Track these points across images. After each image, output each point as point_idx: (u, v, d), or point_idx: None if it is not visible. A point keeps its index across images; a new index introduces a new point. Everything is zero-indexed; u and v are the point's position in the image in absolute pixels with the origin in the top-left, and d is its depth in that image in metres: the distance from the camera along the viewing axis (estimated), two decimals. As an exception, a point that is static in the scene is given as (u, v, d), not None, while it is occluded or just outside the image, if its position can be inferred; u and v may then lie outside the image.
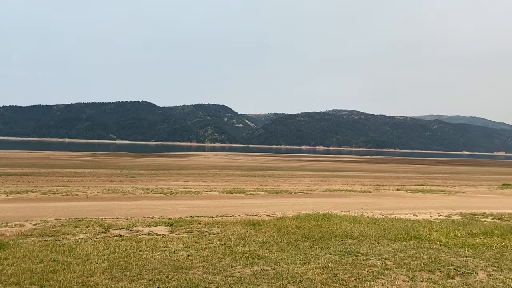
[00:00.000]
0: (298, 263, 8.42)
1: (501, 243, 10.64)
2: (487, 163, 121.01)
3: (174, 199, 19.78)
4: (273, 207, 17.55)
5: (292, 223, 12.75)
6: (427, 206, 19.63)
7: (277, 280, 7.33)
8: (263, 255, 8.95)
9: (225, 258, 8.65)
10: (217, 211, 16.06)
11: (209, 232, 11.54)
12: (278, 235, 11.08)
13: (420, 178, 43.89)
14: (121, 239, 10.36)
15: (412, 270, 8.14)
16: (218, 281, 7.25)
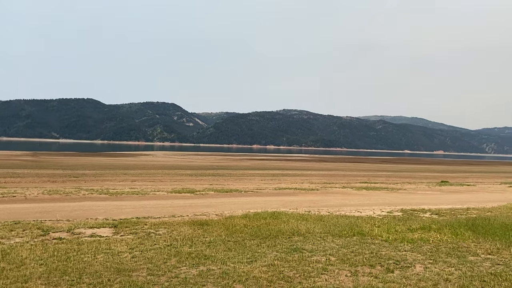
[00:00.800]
0: (245, 261, 8.44)
1: (437, 237, 11.24)
2: (427, 161, 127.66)
3: (119, 199, 19.21)
4: (222, 207, 17.49)
5: (241, 222, 12.76)
6: (370, 203, 20.38)
7: (223, 279, 7.30)
8: (209, 255, 8.89)
9: (170, 259, 8.50)
10: (164, 211, 15.77)
11: (155, 233, 11.31)
12: (226, 235, 11.05)
13: (364, 176, 45.48)
14: (61, 242, 9.89)
15: (355, 265, 8.41)
16: (163, 282, 7.11)
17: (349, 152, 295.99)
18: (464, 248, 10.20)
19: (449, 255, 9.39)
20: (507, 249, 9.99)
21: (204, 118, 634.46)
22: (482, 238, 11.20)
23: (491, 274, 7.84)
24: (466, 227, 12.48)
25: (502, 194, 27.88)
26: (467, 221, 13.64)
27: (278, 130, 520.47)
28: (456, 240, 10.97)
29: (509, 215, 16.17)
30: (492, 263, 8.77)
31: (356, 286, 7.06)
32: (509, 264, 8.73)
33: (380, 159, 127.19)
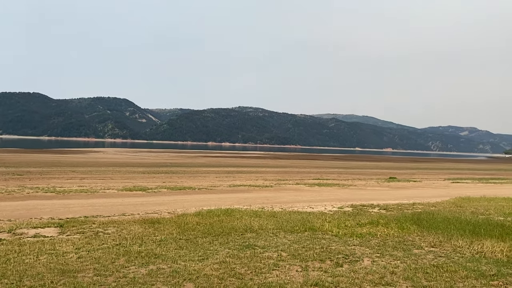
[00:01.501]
0: (196, 259, 8.34)
1: (384, 232, 11.63)
2: (376, 158, 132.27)
3: (67, 198, 18.45)
4: (175, 204, 17.22)
5: (193, 220, 12.61)
6: (322, 199, 20.81)
7: (173, 278, 7.17)
8: (160, 253, 8.71)
9: (119, 259, 8.24)
10: (114, 210, 15.30)
11: (104, 232, 10.93)
12: (178, 233, 10.88)
13: (317, 173, 46.41)
14: (1, 244, 9.34)
15: (305, 260, 8.53)
16: (110, 283, 6.87)
17: (303, 149, 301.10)
18: (410, 241, 10.63)
19: (396, 249, 9.74)
20: (449, 242, 10.51)
21: (158, 114, 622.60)
22: (426, 231, 11.72)
23: (433, 266, 8.20)
24: (411, 221, 13.01)
25: (445, 190, 29.37)
26: (412, 216, 14.23)
27: (234, 127, 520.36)
28: (402, 234, 11.41)
29: (451, 209, 17.05)
30: (435, 256, 9.19)
31: (306, 281, 7.15)
32: (450, 256, 9.18)
33: (332, 156, 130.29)
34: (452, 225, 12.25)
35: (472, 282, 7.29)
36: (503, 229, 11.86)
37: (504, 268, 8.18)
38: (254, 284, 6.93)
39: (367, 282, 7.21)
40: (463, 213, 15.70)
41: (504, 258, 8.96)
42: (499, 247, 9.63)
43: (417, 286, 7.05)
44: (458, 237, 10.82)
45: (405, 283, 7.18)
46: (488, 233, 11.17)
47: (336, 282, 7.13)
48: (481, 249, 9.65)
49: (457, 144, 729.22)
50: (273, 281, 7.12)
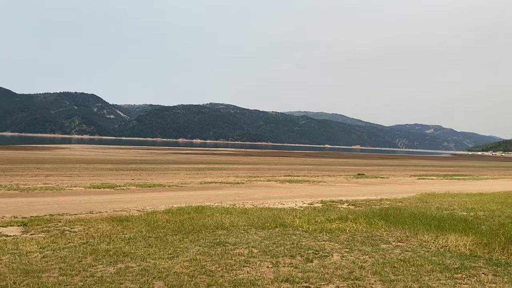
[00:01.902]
0: (166, 257, 8.23)
1: (353, 227, 11.83)
2: (345, 155, 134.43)
3: (31, 196, 17.84)
4: (144, 202, 16.95)
5: (163, 217, 12.44)
6: (293, 195, 20.97)
7: (142, 276, 7.04)
8: (129, 251, 8.54)
9: (86, 258, 8.03)
10: (81, 208, 14.91)
11: (70, 230, 10.64)
12: (147, 230, 10.70)
13: (288, 169, 46.74)
14: (-41, 244, 8.92)
15: (276, 256, 8.56)
16: (76, 282, 6.69)
17: (274, 147, 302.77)
18: (377, 236, 10.85)
19: (364, 244, 9.92)
20: (415, 236, 10.79)
21: (127, 110, 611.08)
22: (393, 227, 11.99)
23: (400, 260, 8.40)
24: (379, 216, 13.29)
25: (412, 186, 30.16)
26: (380, 211, 14.54)
27: (205, 124, 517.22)
28: (371, 229, 11.63)
29: (417, 205, 17.53)
30: (402, 250, 9.42)
31: (277, 277, 7.18)
32: (417, 250, 9.43)
33: (303, 153, 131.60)
34: (418, 220, 12.57)
35: (437, 276, 7.51)
36: (466, 224, 12.28)
37: (467, 262, 8.47)
38: (225, 281, 6.91)
39: (337, 277, 7.31)
40: (428, 209, 16.16)
41: (467, 252, 9.27)
42: (463, 241, 9.96)
43: (385, 280, 7.19)
44: (424, 232, 11.12)
45: (373, 278, 7.32)
46: (452, 227, 11.53)
47: (306, 278, 7.19)
48: (445, 243, 9.96)
49: (423, 142, 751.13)
50: (244, 277, 7.11)
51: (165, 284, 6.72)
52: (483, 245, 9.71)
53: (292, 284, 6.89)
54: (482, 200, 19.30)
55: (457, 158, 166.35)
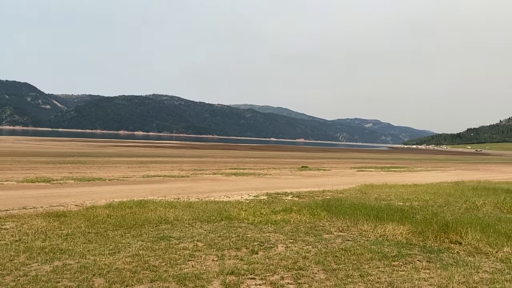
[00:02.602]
0: (107, 253, 7.91)
1: (297, 218, 12.05)
2: (290, 148, 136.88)
3: (-45, 191, 16.47)
4: (83, 196, 16.21)
5: (104, 212, 11.97)
6: (239, 188, 21.01)
7: (81, 274, 6.72)
8: (66, 248, 8.12)
9: (19, 256, 7.53)
10: (13, 203, 13.97)
11: (1, 227, 9.93)
12: (86, 226, 10.24)
13: (234, 162, 46.80)
14: None
15: (221, 249, 8.52)
16: (8, 282, 6.24)
17: (220, 139, 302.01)
18: (320, 227, 11.13)
19: (307, 234, 10.14)
20: (355, 226, 11.20)
21: (64, 100, 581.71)
22: (335, 217, 12.36)
23: (342, 250, 8.67)
24: (322, 207, 13.65)
25: (352, 178, 31.30)
26: (323, 202, 14.94)
27: (148, 116, 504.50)
28: (314, 220, 11.91)
29: (357, 196, 18.21)
30: (343, 240, 9.73)
31: (222, 270, 7.14)
32: (357, 240, 9.78)
33: (249, 146, 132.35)
34: (358, 211, 13.05)
35: (376, 264, 7.83)
36: (402, 214, 12.92)
37: (403, 249, 8.91)
38: (169, 276, 6.76)
39: (281, 267, 7.40)
40: (367, 199, 16.84)
41: (403, 240, 9.76)
42: (399, 230, 10.46)
43: (327, 269, 7.38)
44: (364, 221, 11.56)
45: (317, 267, 7.49)
46: (389, 217, 12.08)
47: (252, 269, 7.22)
48: (383, 232, 10.41)
49: (362, 135, 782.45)
50: (188, 271, 7.01)
51: (106, 281, 6.46)
52: (418, 233, 10.26)
53: (237, 276, 6.89)
54: (417, 191, 20.41)
55: (394, 151, 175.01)
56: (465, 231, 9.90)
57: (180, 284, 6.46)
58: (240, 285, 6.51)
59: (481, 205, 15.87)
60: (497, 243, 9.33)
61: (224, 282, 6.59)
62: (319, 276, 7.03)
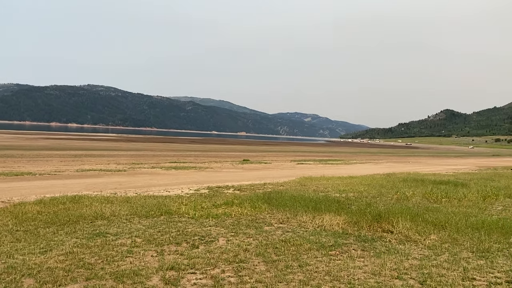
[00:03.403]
0: (38, 252, 7.46)
1: (239, 211, 12.10)
2: (231, 142, 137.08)
3: None
4: (10, 192, 15.16)
5: (34, 209, 11.27)
6: (179, 182, 20.70)
7: (8, 274, 6.28)
8: (-9, 248, 7.55)
9: None
10: None
11: None
12: (14, 224, 9.59)
13: (174, 156, 46.04)
14: None
15: (161, 244, 8.35)
16: None
17: (159, 132, 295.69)
18: (261, 219, 11.26)
19: (248, 227, 10.22)
20: (295, 218, 11.45)
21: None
22: (275, 209, 12.56)
23: (282, 241, 8.83)
24: (263, 200, 13.81)
25: (292, 170, 31.98)
26: (264, 195, 15.12)
27: (82, 107, 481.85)
28: (255, 213, 12.03)
29: (297, 188, 18.64)
30: (283, 231, 9.92)
31: (162, 265, 7.00)
32: (296, 231, 10.01)
33: (190, 140, 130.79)
34: (297, 203, 13.36)
35: (314, 253, 8.06)
36: (339, 204, 13.41)
37: (340, 239, 9.25)
38: (105, 274, 6.51)
39: (222, 261, 7.40)
40: (306, 191, 17.29)
41: (340, 230, 10.14)
42: (336, 221, 10.85)
43: (267, 261, 7.49)
44: (303, 213, 11.86)
45: (257, 259, 7.57)
46: (327, 208, 12.49)
47: (192, 264, 7.15)
48: (321, 223, 10.75)
49: (302, 129, 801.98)
50: (126, 268, 6.79)
51: (36, 281, 6.09)
52: (353, 223, 10.70)
53: (177, 271, 6.79)
54: (352, 183, 21.27)
55: (331, 145, 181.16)
56: (396, 221, 10.47)
57: (118, 281, 6.24)
58: (181, 280, 6.42)
59: (411, 195, 16.87)
60: (425, 231, 9.97)
61: (164, 277, 6.46)
62: (259, 268, 7.11)
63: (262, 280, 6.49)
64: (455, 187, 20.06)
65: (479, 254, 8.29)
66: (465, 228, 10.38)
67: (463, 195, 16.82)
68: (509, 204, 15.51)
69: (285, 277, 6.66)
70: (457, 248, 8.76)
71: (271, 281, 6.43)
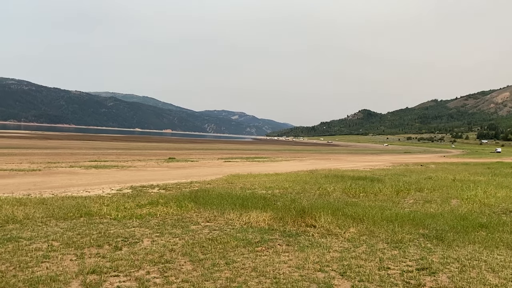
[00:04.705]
0: None
1: (164, 211, 11.83)
2: (156, 139, 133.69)
3: None
4: None
5: None
6: (100, 182, 19.77)
7: None
8: None
9: None
10: None
11: None
12: None
13: (94, 154, 43.89)
14: None
15: (81, 247, 7.92)
16: None
17: (78, 129, 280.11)
18: (188, 218, 11.12)
19: (174, 227, 10.04)
20: (222, 216, 11.47)
21: None
22: (202, 208, 12.48)
23: (209, 240, 8.80)
24: (189, 199, 13.66)
25: (219, 168, 31.98)
26: (190, 194, 14.96)
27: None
28: (181, 212, 11.85)
29: (224, 186, 18.68)
30: (210, 230, 9.88)
31: (82, 269, 6.65)
32: (223, 229, 10.03)
33: (111, 137, 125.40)
34: (225, 201, 13.40)
35: (241, 250, 8.14)
36: (265, 201, 13.67)
37: (266, 235, 9.43)
38: (18, 281, 6.03)
39: (147, 262, 7.20)
40: (233, 189, 17.39)
41: (266, 226, 10.33)
42: (262, 217, 11.04)
43: (194, 260, 7.42)
44: (230, 211, 11.91)
45: (184, 259, 7.47)
46: (254, 205, 12.67)
47: (115, 266, 6.87)
48: (248, 220, 10.88)
49: (229, 127, 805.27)
50: (42, 274, 6.35)
51: None
52: (279, 219, 10.97)
53: (99, 275, 6.48)
54: (278, 180, 21.80)
55: (258, 142, 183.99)
56: (319, 215, 10.91)
57: (32, 289, 5.81)
58: (103, 284, 6.15)
59: (332, 191, 17.68)
60: (345, 225, 10.51)
61: (85, 282, 6.14)
62: (186, 267, 7.02)
63: (189, 279, 6.42)
64: (372, 183, 21.36)
65: (393, 245, 8.91)
66: (381, 220, 11.10)
67: (378, 190, 17.97)
68: (419, 198, 16.84)
69: (212, 275, 6.64)
70: (374, 240, 9.33)
71: (198, 280, 6.38)
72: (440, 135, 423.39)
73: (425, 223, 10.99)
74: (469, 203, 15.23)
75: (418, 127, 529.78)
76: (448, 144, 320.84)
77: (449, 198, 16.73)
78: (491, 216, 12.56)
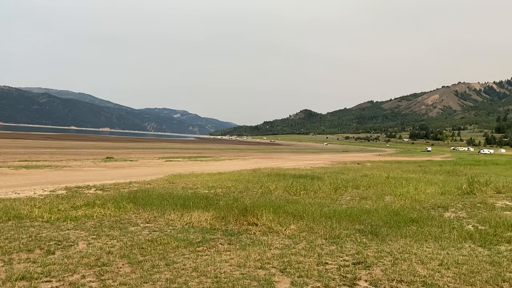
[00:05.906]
0: None
1: (101, 212, 11.38)
2: (93, 138, 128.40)
3: None
4: None
5: None
6: (31, 183, 18.64)
7: None
8: None
9: None
10: None
11: None
12: None
13: (25, 154, 41.32)
14: None
15: (9, 253, 7.42)
16: None
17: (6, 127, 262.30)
18: (126, 220, 10.78)
19: (112, 228, 9.69)
20: (163, 216, 11.24)
21: None
22: (142, 209, 12.15)
23: (148, 241, 8.58)
24: (128, 200, 13.24)
25: (160, 168, 31.32)
26: (129, 194, 14.52)
27: None
28: (119, 213, 11.46)
29: (165, 186, 18.32)
30: (150, 231, 9.65)
31: (10, 276, 6.22)
32: (164, 229, 9.83)
33: (44, 135, 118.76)
34: (165, 201, 13.15)
35: (182, 251, 8.02)
36: (207, 201, 13.59)
37: (207, 235, 9.37)
38: None
39: (82, 265, 6.89)
40: (175, 189, 17.11)
41: (208, 226, 10.27)
42: (204, 217, 10.96)
43: (133, 262, 7.21)
44: (171, 211, 11.71)
45: (122, 261, 7.24)
46: (196, 205, 12.54)
47: (47, 271, 6.51)
48: (190, 220, 10.75)
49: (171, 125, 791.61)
50: (-37, 284, 5.87)
51: None
52: (221, 218, 10.95)
53: (29, 281, 6.11)
54: (221, 179, 21.75)
55: (201, 141, 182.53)
56: (261, 213, 11.03)
57: (-49, 300, 5.36)
58: (33, 291, 5.79)
59: (274, 189, 17.94)
60: (286, 222, 10.70)
61: (12, 290, 5.75)
62: (124, 270, 6.81)
63: (127, 282, 6.23)
64: (312, 180, 21.95)
65: (331, 241, 9.21)
66: (320, 217, 11.44)
67: (318, 188, 18.50)
68: (355, 195, 17.54)
69: (151, 277, 6.49)
70: (313, 236, 9.59)
71: (136, 282, 6.21)
72: (376, 134, 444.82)
73: (361, 219, 11.47)
74: (401, 199, 16.08)
75: (356, 127, 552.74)
76: (383, 143, 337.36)
77: (383, 194, 17.57)
78: (421, 211, 13.35)
